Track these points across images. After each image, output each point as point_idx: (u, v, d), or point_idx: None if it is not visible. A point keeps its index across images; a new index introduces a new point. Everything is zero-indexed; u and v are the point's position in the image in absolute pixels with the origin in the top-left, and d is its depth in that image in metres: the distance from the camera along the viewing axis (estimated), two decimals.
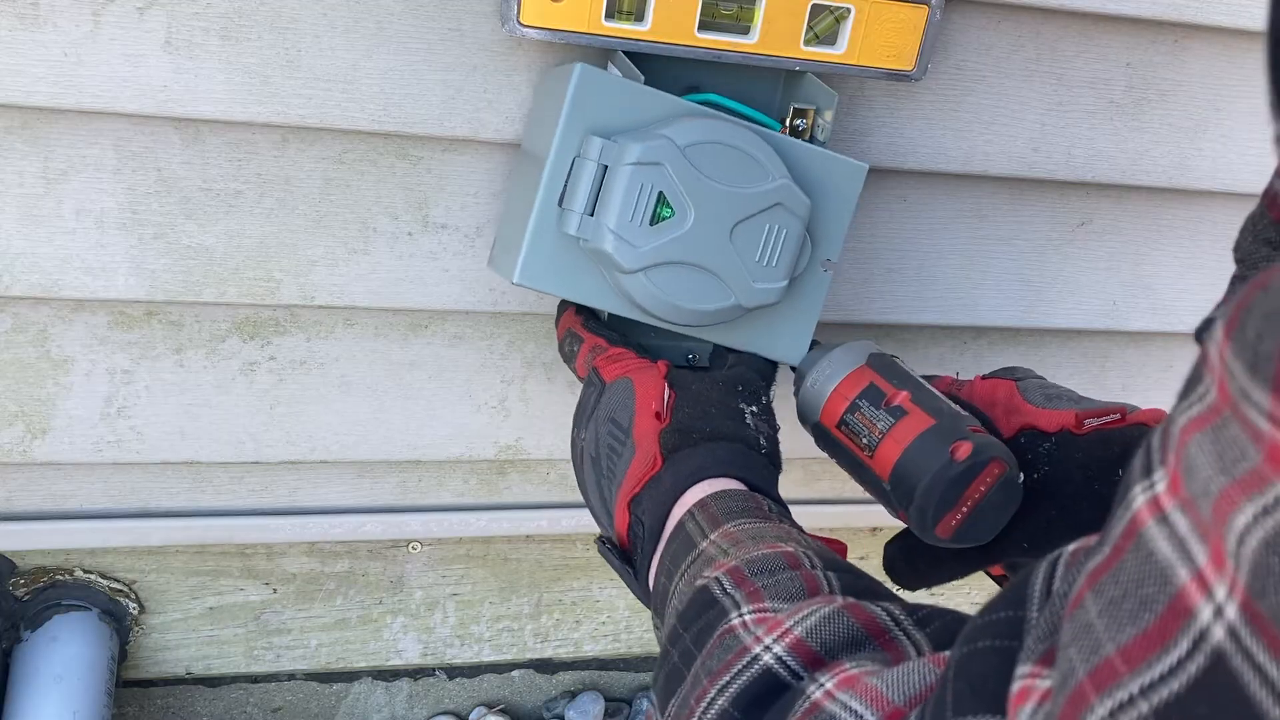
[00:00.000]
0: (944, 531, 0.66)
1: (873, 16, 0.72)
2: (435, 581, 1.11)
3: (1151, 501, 0.27)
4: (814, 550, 0.54)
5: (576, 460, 0.72)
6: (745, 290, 0.69)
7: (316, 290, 0.82)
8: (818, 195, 0.71)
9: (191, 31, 0.71)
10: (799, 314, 0.75)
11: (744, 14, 0.71)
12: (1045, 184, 0.91)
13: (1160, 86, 0.88)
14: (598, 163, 0.65)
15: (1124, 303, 0.99)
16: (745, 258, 0.68)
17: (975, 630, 0.34)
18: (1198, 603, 0.25)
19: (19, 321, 0.81)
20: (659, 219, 0.66)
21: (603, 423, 0.68)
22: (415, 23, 0.74)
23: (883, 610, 0.44)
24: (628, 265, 0.66)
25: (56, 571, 1.00)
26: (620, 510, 0.65)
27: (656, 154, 0.65)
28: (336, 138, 0.77)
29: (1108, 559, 0.28)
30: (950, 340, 1.00)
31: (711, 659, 0.46)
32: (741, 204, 0.67)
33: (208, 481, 0.94)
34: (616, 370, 0.70)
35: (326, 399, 0.89)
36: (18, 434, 0.84)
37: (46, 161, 0.74)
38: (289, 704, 1.14)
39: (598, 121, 0.66)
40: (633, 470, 0.65)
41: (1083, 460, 0.67)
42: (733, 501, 0.61)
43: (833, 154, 0.73)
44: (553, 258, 0.69)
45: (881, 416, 0.69)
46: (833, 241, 0.74)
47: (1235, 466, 0.24)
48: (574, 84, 0.66)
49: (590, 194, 0.66)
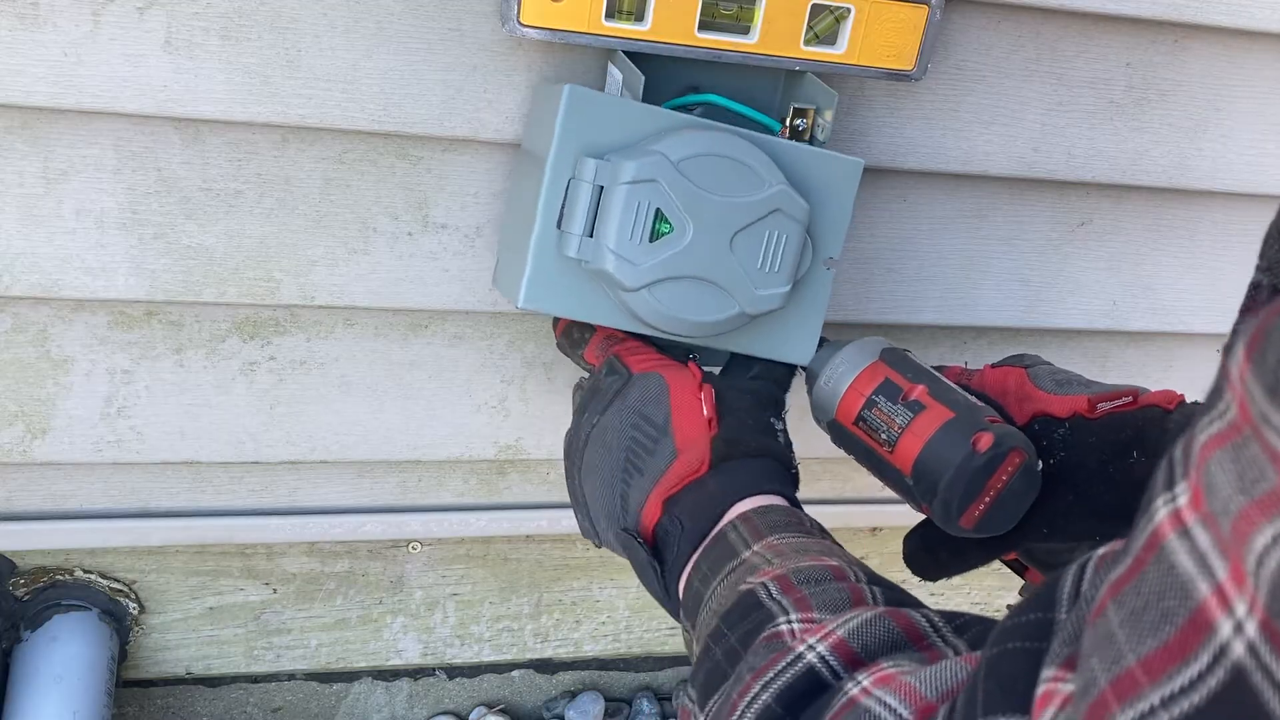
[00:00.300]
0: (968, 522, 0.66)
1: (873, 16, 0.72)
2: (435, 581, 1.11)
3: (1173, 515, 0.28)
4: (858, 565, 0.55)
5: (578, 443, 0.71)
6: (749, 298, 0.69)
7: (316, 290, 0.82)
8: (815, 195, 0.71)
9: (191, 31, 0.71)
10: (805, 314, 0.75)
11: (744, 14, 0.71)
12: (1045, 184, 0.91)
13: (1160, 86, 0.88)
14: (592, 184, 0.65)
15: (1124, 303, 0.99)
16: (747, 266, 0.68)
17: (1006, 631, 0.35)
18: (1218, 618, 0.25)
19: (19, 321, 0.81)
20: (658, 235, 0.66)
21: (629, 414, 0.68)
22: (415, 23, 0.74)
23: (922, 616, 0.46)
24: (630, 284, 0.66)
25: (56, 571, 1.00)
26: (653, 506, 0.65)
27: (651, 171, 0.65)
28: (336, 138, 0.77)
29: (1130, 569, 0.29)
30: (950, 340, 1.00)
31: (756, 656, 0.47)
32: (739, 213, 0.67)
33: (208, 481, 0.94)
34: (645, 364, 0.70)
35: (326, 399, 0.89)
36: (18, 434, 0.84)
37: (46, 161, 0.74)
38: (289, 704, 1.14)
39: (590, 141, 0.66)
40: (675, 470, 0.65)
41: (1097, 444, 0.68)
42: (776, 516, 0.61)
43: (827, 152, 0.73)
44: (556, 280, 0.69)
45: (900, 411, 0.69)
46: (834, 240, 0.74)
47: (1255, 487, 0.25)
48: (563, 106, 0.66)
49: (588, 216, 0.66)
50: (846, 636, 0.45)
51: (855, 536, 1.18)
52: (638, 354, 0.71)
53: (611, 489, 0.68)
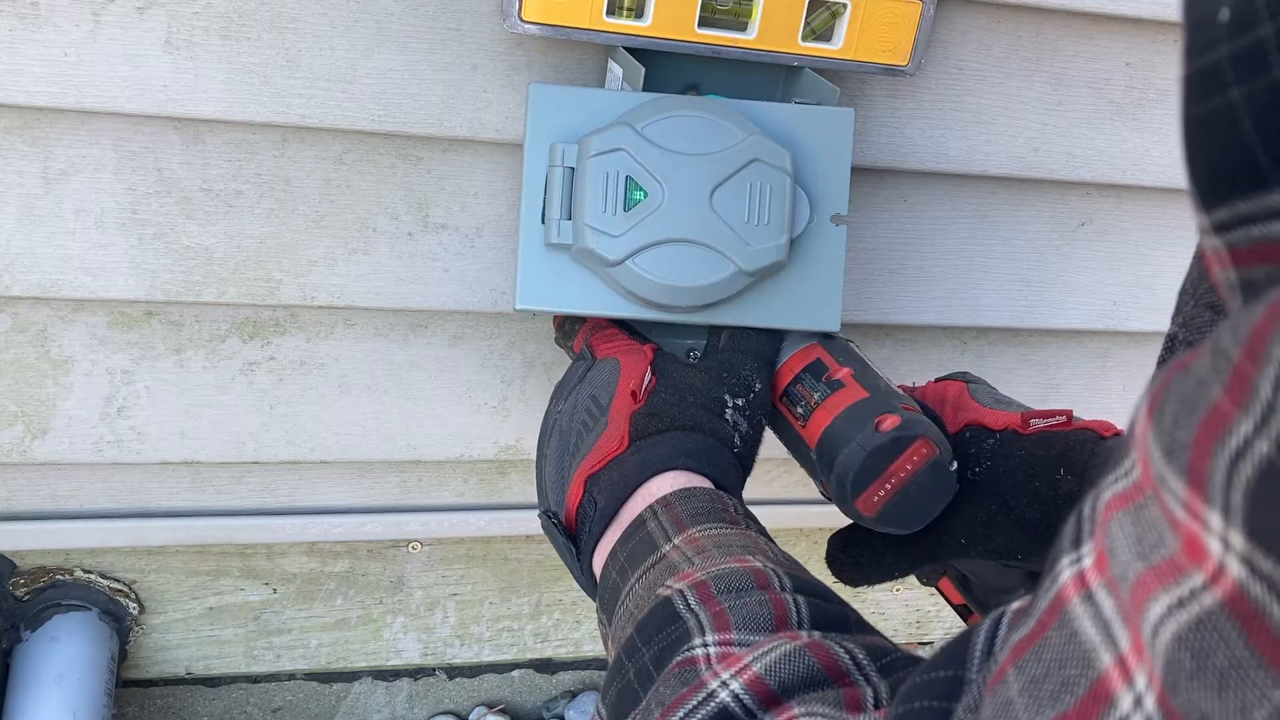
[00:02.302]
0: (866, 508, 0.65)
1: (868, 12, 0.72)
2: (435, 581, 1.11)
3: (1078, 577, 0.27)
4: (783, 566, 0.52)
5: (545, 432, 0.70)
6: (743, 253, 0.67)
7: (316, 290, 0.82)
8: (809, 151, 0.70)
9: (191, 31, 0.71)
10: (822, 276, 0.72)
11: (742, 10, 0.71)
12: (1045, 184, 0.91)
13: (1160, 86, 0.88)
14: (563, 167, 0.66)
15: (1124, 303, 0.99)
16: (733, 221, 0.66)
17: (916, 688, 0.33)
18: (1118, 690, 0.24)
19: (19, 321, 0.81)
20: (632, 203, 0.65)
21: (583, 398, 0.67)
22: (415, 23, 0.74)
23: (845, 652, 0.43)
24: (612, 256, 0.65)
25: (56, 571, 1.00)
26: (576, 485, 0.63)
27: (613, 141, 0.65)
28: (336, 138, 0.77)
29: (1032, 632, 0.28)
30: (951, 340, 1.00)
31: (667, 687, 0.45)
32: (713, 169, 0.66)
33: (208, 481, 0.94)
34: (608, 349, 0.70)
35: (326, 399, 0.89)
36: (18, 434, 0.84)
37: (46, 161, 0.74)
38: (289, 704, 1.14)
39: (560, 132, 0.67)
40: (599, 447, 0.64)
41: (1025, 457, 0.67)
42: (699, 502, 0.59)
43: (814, 107, 0.71)
44: (550, 276, 0.69)
45: (820, 388, 0.68)
46: (836, 195, 0.71)
47: (1153, 553, 0.24)
48: (530, 104, 0.67)
49: (564, 198, 0.66)
50: (763, 673, 0.42)
51: None
52: (608, 341, 0.71)
53: (557, 473, 0.66)
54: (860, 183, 0.88)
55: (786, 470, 1.05)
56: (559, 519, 0.65)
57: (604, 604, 0.58)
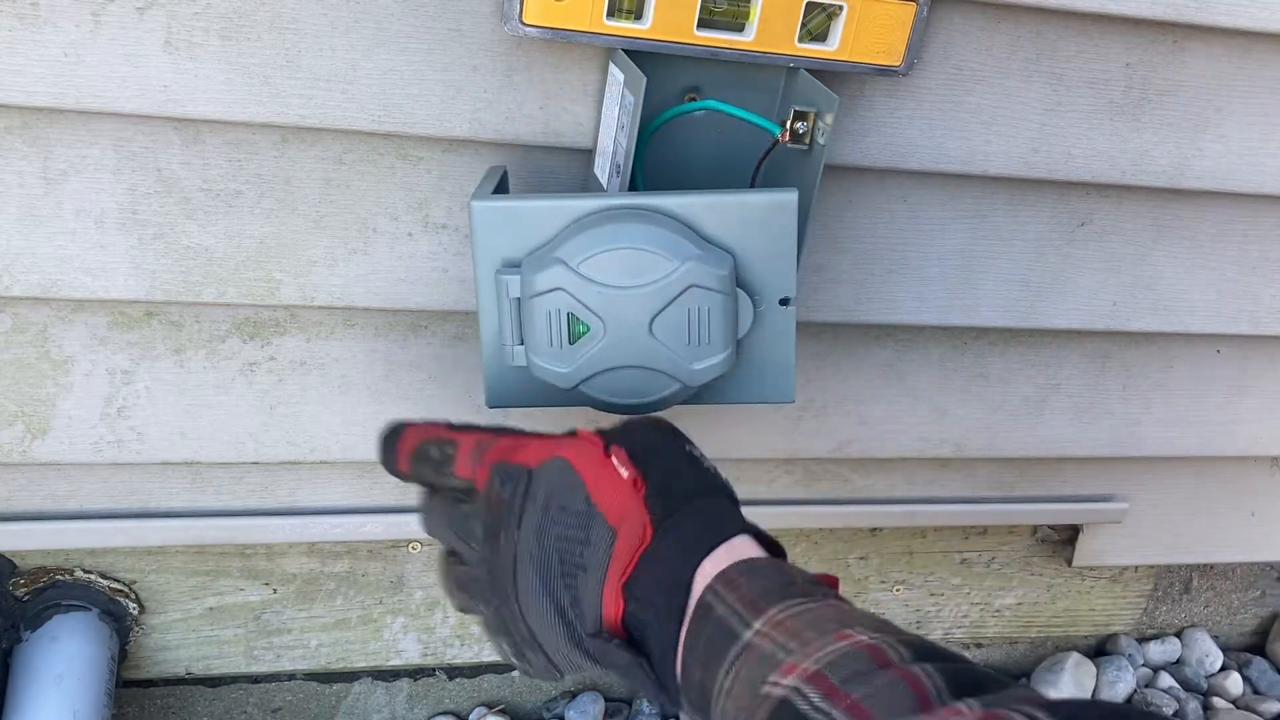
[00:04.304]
0: None
1: (863, 14, 0.73)
2: (435, 581, 1.11)
3: None
4: (889, 634, 0.47)
5: (501, 576, 0.59)
6: (686, 373, 0.69)
7: (316, 290, 0.82)
8: (753, 242, 0.69)
9: (191, 31, 0.71)
10: (774, 354, 0.73)
11: (740, 12, 0.71)
12: (1045, 184, 0.91)
13: (1160, 86, 0.88)
14: (509, 299, 0.68)
15: (1124, 303, 0.99)
16: (674, 345, 0.68)
17: None
18: None
19: (19, 321, 0.81)
20: (577, 336, 0.67)
21: (546, 514, 0.58)
22: (415, 23, 0.74)
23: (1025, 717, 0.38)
24: (564, 385, 0.69)
25: (56, 571, 1.00)
26: (611, 599, 0.56)
27: (553, 280, 0.66)
28: (336, 138, 0.77)
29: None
30: (951, 341, 1.00)
31: None
32: (650, 300, 0.67)
33: (208, 481, 0.94)
34: (533, 453, 0.60)
35: (326, 399, 0.89)
36: (18, 434, 0.84)
37: (46, 161, 0.74)
38: (289, 704, 1.14)
39: (505, 252, 0.69)
40: (620, 550, 0.56)
41: None
42: (763, 577, 0.53)
43: (754, 195, 0.69)
44: (515, 380, 0.73)
45: None
46: (783, 279, 0.71)
47: None
48: (473, 226, 0.68)
49: (514, 327, 0.69)
50: None
51: (855, 536, 1.18)
52: (522, 448, 0.61)
53: (557, 604, 0.58)
54: (860, 183, 0.88)
55: (786, 470, 1.05)
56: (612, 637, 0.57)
57: (696, 708, 0.53)
